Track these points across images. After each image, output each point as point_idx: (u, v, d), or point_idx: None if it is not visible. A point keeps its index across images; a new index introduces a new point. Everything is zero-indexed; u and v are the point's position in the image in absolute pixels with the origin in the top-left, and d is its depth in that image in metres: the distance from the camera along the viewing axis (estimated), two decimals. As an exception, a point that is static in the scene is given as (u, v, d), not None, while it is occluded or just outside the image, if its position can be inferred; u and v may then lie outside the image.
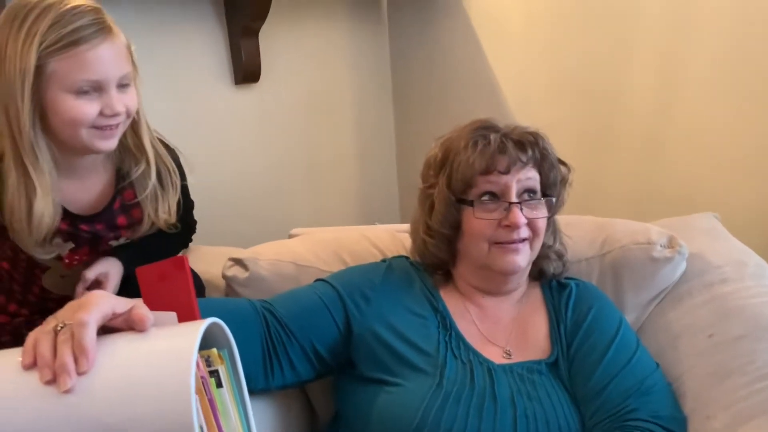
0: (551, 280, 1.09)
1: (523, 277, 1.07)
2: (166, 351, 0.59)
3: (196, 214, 1.29)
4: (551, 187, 1.05)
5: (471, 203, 1.00)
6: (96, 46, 0.94)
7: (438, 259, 1.08)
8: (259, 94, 1.92)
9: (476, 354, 0.99)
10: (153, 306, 0.65)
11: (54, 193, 0.99)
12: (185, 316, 0.67)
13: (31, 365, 0.58)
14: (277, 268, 1.20)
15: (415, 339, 0.99)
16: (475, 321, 1.04)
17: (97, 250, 1.10)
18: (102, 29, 0.95)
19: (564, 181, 1.08)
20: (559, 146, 1.70)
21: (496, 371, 0.97)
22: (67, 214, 1.04)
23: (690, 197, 1.54)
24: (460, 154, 1.02)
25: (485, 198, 1.00)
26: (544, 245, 1.05)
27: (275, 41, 1.91)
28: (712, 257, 1.15)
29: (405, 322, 1.02)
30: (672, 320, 1.11)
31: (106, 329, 0.61)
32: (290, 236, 1.39)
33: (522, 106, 1.90)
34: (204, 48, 1.79)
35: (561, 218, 1.28)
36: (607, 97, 1.71)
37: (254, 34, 1.83)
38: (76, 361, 0.57)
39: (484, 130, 1.03)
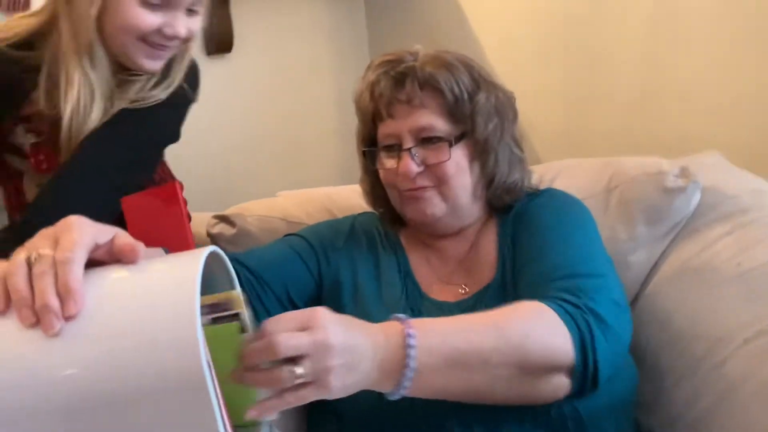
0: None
1: (463, 218, 0.95)
2: (167, 283, 0.50)
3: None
4: (462, 121, 0.91)
5: (375, 152, 0.95)
6: None
7: (387, 210, 1.01)
8: (232, 65, 1.84)
9: (429, 299, 0.92)
10: (142, 240, 0.55)
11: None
12: (179, 249, 0.59)
13: (4, 310, 0.48)
14: (266, 224, 1.12)
15: (379, 287, 0.94)
16: (434, 264, 0.97)
17: (58, 152, 0.99)
18: None
19: (484, 110, 0.91)
20: (549, 108, 1.64)
21: (451, 310, 0.88)
22: None
23: (686, 141, 1.48)
24: (356, 100, 0.98)
25: (385, 144, 0.94)
26: (495, 179, 0.94)
27: (248, 11, 1.83)
28: (726, 189, 1.09)
29: (366, 271, 0.96)
30: (692, 254, 1.03)
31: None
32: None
33: (508, 74, 1.81)
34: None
35: (556, 164, 1.22)
36: (594, 55, 1.66)
37: (225, 2, 1.75)
38: (62, 303, 0.47)
39: (381, 66, 0.93)
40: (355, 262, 0.96)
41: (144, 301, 0.49)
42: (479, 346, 0.67)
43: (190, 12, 0.94)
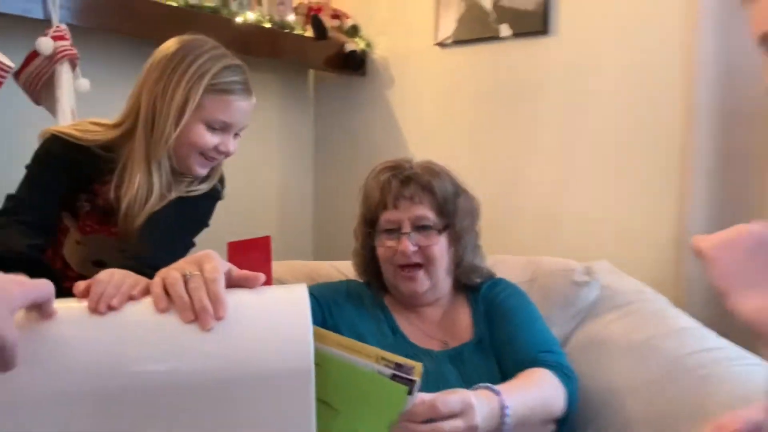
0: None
1: (439, 291, 1.25)
2: (284, 300, 0.71)
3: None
4: (447, 216, 1.22)
5: (376, 233, 1.24)
6: (241, 100, 1.19)
7: (375, 279, 1.29)
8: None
9: (419, 348, 1.19)
10: None
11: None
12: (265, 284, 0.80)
13: (166, 310, 0.64)
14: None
15: (376, 337, 1.19)
16: (415, 323, 1.25)
17: (107, 225, 1.21)
18: (249, 90, 1.21)
19: (462, 210, 1.24)
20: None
21: (438, 357, 1.17)
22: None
23: (582, 249, 1.84)
24: (366, 193, 1.27)
25: (386, 228, 1.22)
26: (463, 261, 1.25)
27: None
28: (617, 286, 1.45)
29: (366, 324, 1.21)
30: (593, 333, 1.37)
31: None
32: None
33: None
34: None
35: (491, 258, 1.54)
36: (511, 177, 2.02)
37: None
38: (213, 308, 0.63)
39: (387, 170, 1.26)
40: (353, 315, 1.22)
41: (270, 312, 0.69)
42: (533, 409, 1.03)
43: (236, 135, 1.23)
